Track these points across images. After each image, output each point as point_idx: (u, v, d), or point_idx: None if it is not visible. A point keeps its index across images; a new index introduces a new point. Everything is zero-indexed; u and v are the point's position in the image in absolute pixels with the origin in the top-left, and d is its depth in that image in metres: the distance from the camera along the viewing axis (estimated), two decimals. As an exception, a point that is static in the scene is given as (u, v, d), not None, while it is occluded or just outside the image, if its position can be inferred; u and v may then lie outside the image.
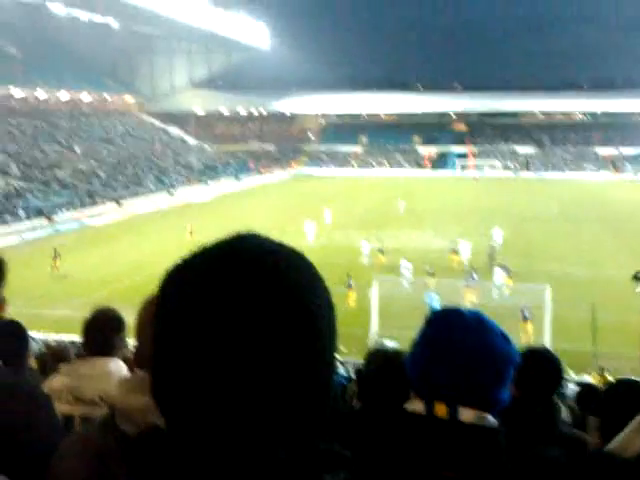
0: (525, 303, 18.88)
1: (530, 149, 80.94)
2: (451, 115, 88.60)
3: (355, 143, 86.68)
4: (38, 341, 14.56)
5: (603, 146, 77.88)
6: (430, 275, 23.02)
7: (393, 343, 13.28)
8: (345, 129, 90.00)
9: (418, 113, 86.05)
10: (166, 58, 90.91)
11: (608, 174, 70.26)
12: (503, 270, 23.40)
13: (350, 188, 59.76)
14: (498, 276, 23.24)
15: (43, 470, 1.32)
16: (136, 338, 1.63)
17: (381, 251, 27.70)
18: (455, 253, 27.54)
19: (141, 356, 1.58)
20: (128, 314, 2.66)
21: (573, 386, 8.72)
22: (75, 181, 49.93)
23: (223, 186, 62.28)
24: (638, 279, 20.76)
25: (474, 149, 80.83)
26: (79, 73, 74.50)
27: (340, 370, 9.99)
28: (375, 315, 19.28)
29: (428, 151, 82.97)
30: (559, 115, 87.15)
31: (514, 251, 28.74)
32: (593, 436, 2.40)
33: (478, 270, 23.75)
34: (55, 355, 4.25)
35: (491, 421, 1.22)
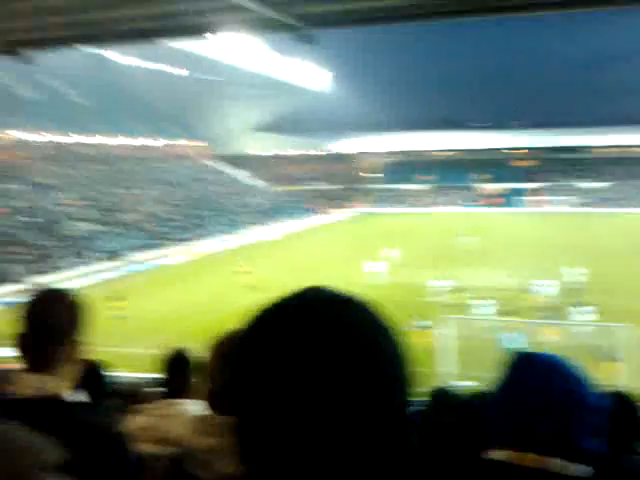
0: (609, 342, 17.91)
1: (599, 183, 78.68)
2: (516, 152, 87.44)
3: (417, 182, 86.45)
4: (116, 379, 14.68)
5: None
6: (505, 314, 22.16)
7: (462, 384, 12.95)
8: (407, 168, 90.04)
9: (482, 150, 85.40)
10: (230, 103, 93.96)
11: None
12: (583, 308, 22.31)
13: (413, 226, 59.24)
14: (578, 315, 22.15)
15: None
16: (209, 379, 1.58)
17: (451, 290, 27.06)
18: (529, 291, 26.46)
19: (214, 397, 1.58)
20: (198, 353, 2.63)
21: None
22: (146, 224, 51.63)
23: (287, 226, 63.02)
24: None
25: (541, 185, 79.19)
26: (147, 120, 77.84)
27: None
28: (444, 355, 18.61)
29: (492, 188, 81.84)
30: (632, 148, 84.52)
31: (593, 288, 27.43)
32: None
33: (555, 309, 22.75)
34: (133, 393, 4.15)
35: (579, 470, 1.16)
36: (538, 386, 1.20)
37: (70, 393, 1.73)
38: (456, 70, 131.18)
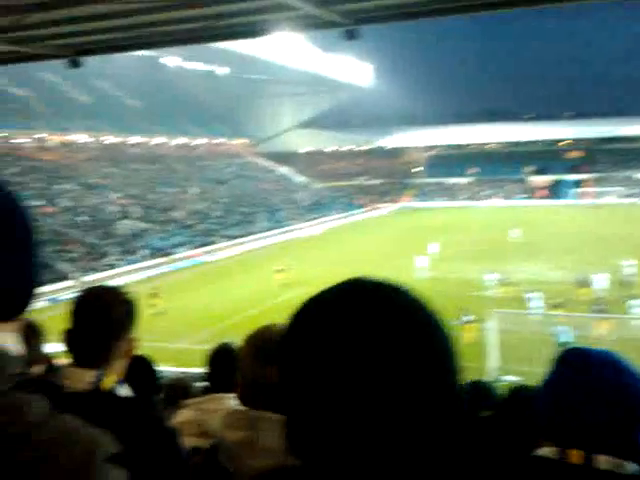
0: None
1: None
2: (564, 143, 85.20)
3: (463, 175, 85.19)
4: (164, 374, 14.98)
5: None
6: (556, 307, 21.65)
7: (513, 378, 12.83)
8: (452, 161, 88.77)
9: (528, 142, 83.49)
10: (274, 101, 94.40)
11: None
12: (637, 301, 21.61)
13: (460, 220, 58.39)
14: (634, 308, 21.48)
15: None
16: (240, 373, 1.59)
17: (500, 283, 26.62)
18: (582, 284, 25.76)
19: (245, 391, 1.55)
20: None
21: None
22: (191, 221, 52.37)
23: (331, 221, 63.00)
24: None
25: (591, 176, 77.00)
26: (193, 119, 78.83)
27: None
28: (493, 350, 18.30)
29: (540, 180, 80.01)
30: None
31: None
32: None
33: (609, 302, 22.11)
34: (180, 388, 4.21)
35: (631, 468, 1.12)
36: (589, 380, 1.17)
37: (119, 387, 1.75)
38: (503, 61, 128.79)
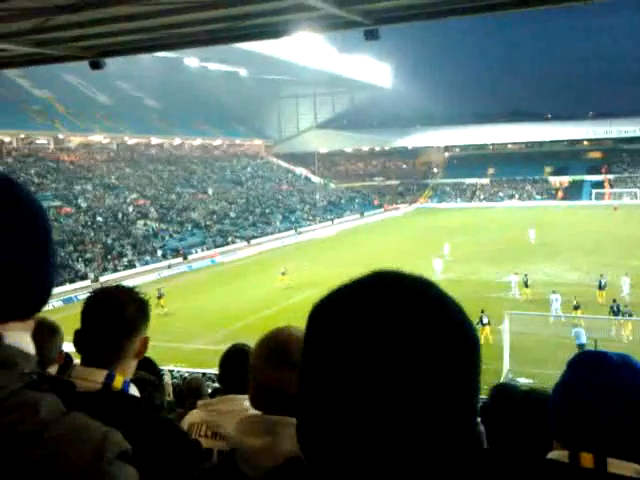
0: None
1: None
2: (583, 143, 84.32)
3: (482, 175, 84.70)
4: (174, 374, 15.05)
5: None
6: (575, 309, 21.44)
7: (526, 381, 13.06)
8: (471, 161, 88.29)
9: (548, 142, 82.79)
10: (292, 102, 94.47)
11: None
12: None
13: (478, 220, 58.01)
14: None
15: None
16: (251, 377, 1.51)
17: (518, 284, 26.47)
18: (601, 286, 25.32)
19: (257, 393, 1.48)
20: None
21: None
22: (207, 222, 52.58)
23: (347, 222, 62.91)
24: None
25: (610, 177, 76.15)
26: (212, 120, 79.15)
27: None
28: (503, 351, 18.14)
29: (559, 181, 79.29)
30: None
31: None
32: None
33: (629, 304, 21.84)
34: (190, 388, 4.23)
35: None
36: (606, 380, 1.15)
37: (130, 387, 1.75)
38: (524, 61, 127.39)
